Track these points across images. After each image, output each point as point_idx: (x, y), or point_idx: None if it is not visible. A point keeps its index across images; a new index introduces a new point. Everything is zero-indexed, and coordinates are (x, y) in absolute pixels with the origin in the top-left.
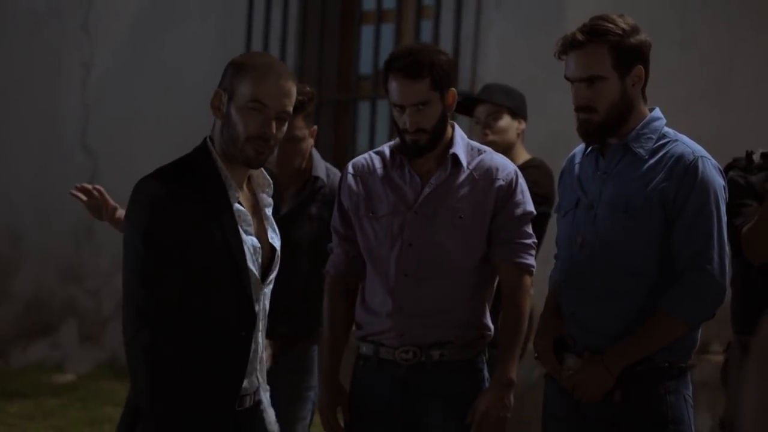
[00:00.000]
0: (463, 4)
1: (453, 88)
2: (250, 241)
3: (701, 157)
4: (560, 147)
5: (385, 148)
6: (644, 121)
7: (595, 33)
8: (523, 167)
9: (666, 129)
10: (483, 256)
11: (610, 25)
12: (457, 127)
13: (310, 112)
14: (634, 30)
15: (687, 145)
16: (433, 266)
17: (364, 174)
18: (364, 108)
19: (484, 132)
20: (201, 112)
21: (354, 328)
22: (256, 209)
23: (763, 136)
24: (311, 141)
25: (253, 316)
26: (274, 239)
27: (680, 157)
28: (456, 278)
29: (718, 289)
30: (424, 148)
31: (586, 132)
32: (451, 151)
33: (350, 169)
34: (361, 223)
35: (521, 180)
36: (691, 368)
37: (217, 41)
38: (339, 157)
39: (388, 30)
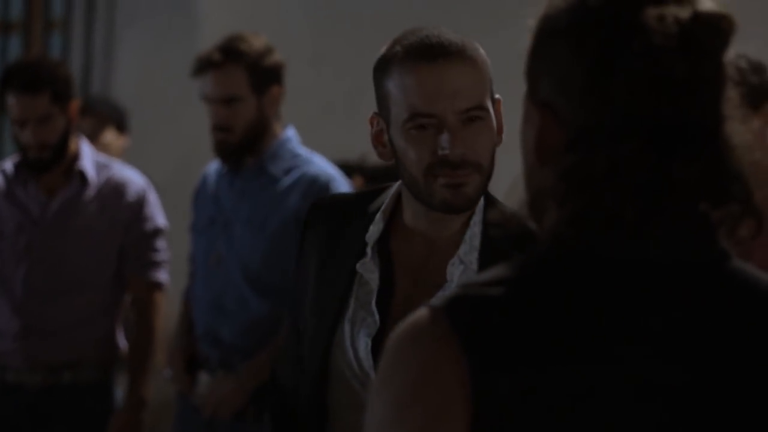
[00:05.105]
0: (95, 17)
1: (75, 100)
2: (351, 325)
3: (333, 178)
4: (193, 164)
5: (8, 165)
6: (279, 140)
7: (231, 53)
8: None
9: (299, 149)
10: (115, 272)
11: (246, 46)
12: (83, 140)
13: None
14: (269, 50)
15: (319, 165)
16: (63, 284)
17: None
18: None
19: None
20: None
21: None
22: (422, 284)
23: None
24: None
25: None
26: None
27: (314, 178)
28: (87, 296)
29: None
30: (49, 163)
31: (223, 151)
32: (78, 166)
33: None
34: None
35: (151, 195)
36: None
37: None
38: None
39: (15, 42)
